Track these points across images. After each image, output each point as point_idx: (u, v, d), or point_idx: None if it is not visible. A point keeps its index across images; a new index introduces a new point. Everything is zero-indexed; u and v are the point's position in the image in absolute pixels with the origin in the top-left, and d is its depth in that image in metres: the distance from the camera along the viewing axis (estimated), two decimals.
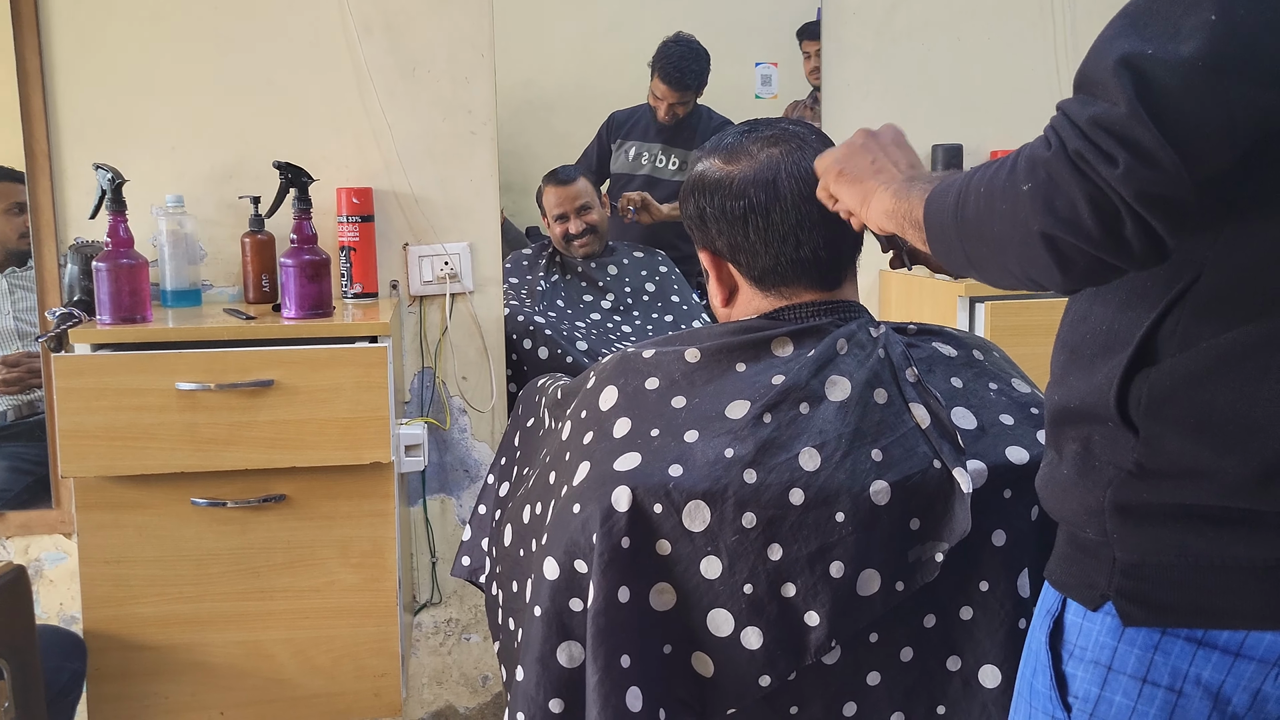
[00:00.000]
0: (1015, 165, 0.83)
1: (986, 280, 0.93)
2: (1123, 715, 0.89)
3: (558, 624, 1.19)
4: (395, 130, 2.19)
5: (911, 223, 0.99)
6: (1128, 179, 0.75)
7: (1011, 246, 0.84)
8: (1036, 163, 0.81)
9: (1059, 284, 0.84)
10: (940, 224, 0.94)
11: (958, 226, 0.90)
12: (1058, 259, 0.80)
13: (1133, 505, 0.87)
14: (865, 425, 1.20)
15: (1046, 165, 0.80)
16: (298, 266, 1.89)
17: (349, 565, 1.87)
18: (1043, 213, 0.79)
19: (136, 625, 1.82)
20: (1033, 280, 0.86)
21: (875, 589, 1.17)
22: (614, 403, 1.26)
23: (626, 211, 2.82)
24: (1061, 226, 0.79)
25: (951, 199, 0.91)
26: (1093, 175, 0.76)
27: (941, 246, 0.94)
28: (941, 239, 0.94)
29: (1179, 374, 0.85)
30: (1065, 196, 0.78)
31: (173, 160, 2.14)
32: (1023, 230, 0.81)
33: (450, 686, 2.37)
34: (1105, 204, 0.76)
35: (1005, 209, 0.83)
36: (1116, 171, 0.75)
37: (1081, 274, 0.81)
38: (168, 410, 1.75)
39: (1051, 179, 0.79)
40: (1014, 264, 0.85)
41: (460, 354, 2.28)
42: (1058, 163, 0.79)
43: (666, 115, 2.89)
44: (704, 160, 1.30)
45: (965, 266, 0.93)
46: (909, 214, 1.00)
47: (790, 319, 1.28)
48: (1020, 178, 0.82)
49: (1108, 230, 0.77)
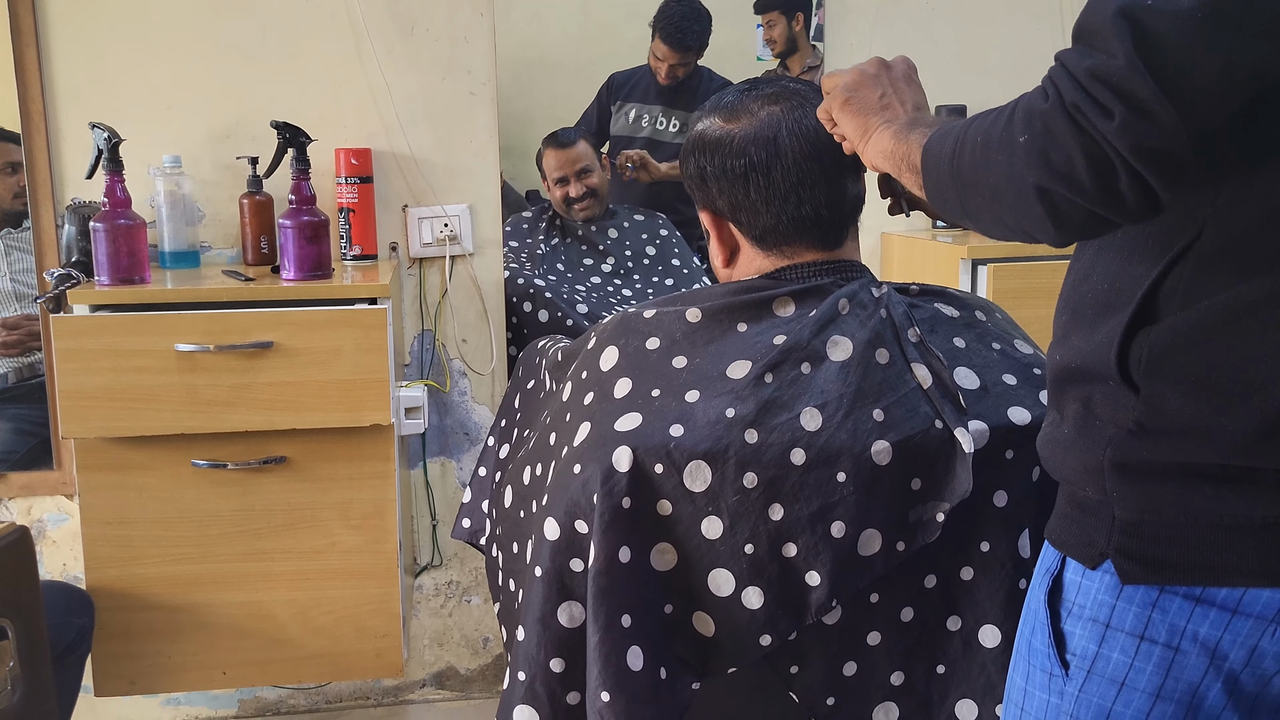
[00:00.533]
0: (1012, 116, 0.82)
1: (980, 229, 0.93)
2: (1120, 672, 0.89)
3: (558, 584, 1.20)
4: (394, 90, 2.17)
5: (909, 166, 0.99)
6: (1123, 132, 0.74)
7: (1006, 198, 0.83)
8: (1033, 114, 0.80)
9: (1052, 237, 0.83)
10: (937, 170, 0.93)
11: (954, 174, 0.90)
12: (1051, 212, 0.80)
13: (1132, 464, 0.87)
14: (867, 385, 1.19)
15: (1043, 117, 0.79)
16: (296, 228, 1.88)
17: (349, 527, 1.87)
18: (1038, 165, 0.79)
19: (139, 586, 1.83)
20: (1026, 232, 0.85)
21: (876, 549, 1.17)
22: (614, 363, 1.26)
23: (625, 169, 2.80)
24: (1056, 180, 0.78)
25: (949, 146, 0.91)
26: (1089, 128, 0.76)
27: (937, 193, 0.94)
28: (937, 186, 0.94)
29: (1180, 332, 0.85)
30: (1061, 150, 0.77)
31: (169, 120, 2.12)
32: (1018, 182, 0.81)
33: (451, 648, 2.39)
34: (1100, 158, 0.76)
35: (1001, 160, 0.82)
36: (1112, 124, 0.74)
37: (1075, 227, 0.81)
38: (167, 371, 1.75)
39: (1048, 131, 0.78)
40: (1008, 215, 0.85)
41: (460, 316, 2.27)
42: (1054, 115, 0.78)
43: (667, 77, 2.86)
44: (704, 119, 1.29)
45: (960, 215, 0.93)
46: (907, 157, 0.99)
47: (792, 279, 1.27)
48: (1017, 129, 0.81)
49: (1102, 184, 0.76)
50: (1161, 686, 0.88)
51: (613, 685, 1.14)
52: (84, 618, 1.74)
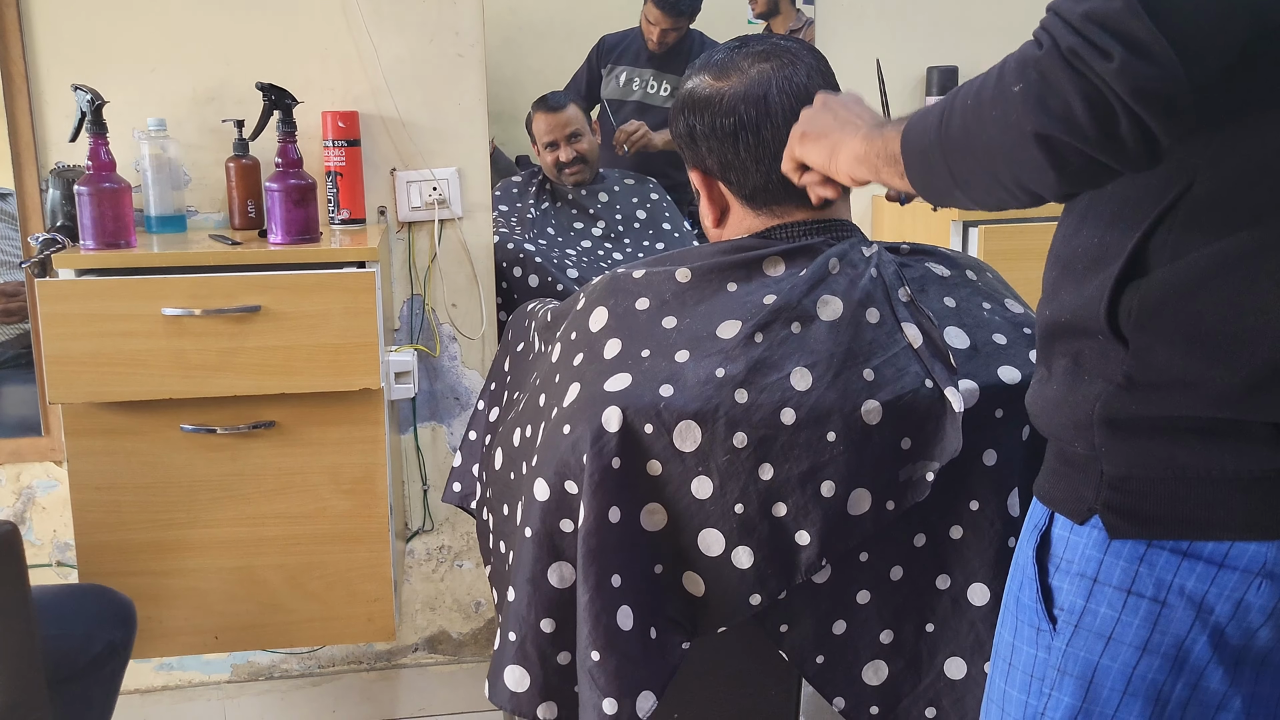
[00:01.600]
0: (1003, 70, 0.81)
1: (972, 198, 0.90)
2: (1107, 626, 0.90)
3: (549, 545, 1.20)
4: (381, 52, 2.14)
5: (886, 159, 0.97)
6: (1123, 74, 0.73)
7: (1002, 152, 0.82)
8: (1027, 63, 0.79)
9: (1053, 186, 0.81)
10: (921, 149, 0.91)
11: (942, 145, 0.88)
12: (1052, 159, 0.79)
13: (1121, 418, 0.87)
14: (857, 345, 1.19)
15: (1038, 64, 0.78)
16: (283, 191, 1.86)
17: (340, 491, 1.87)
18: (1036, 112, 0.78)
19: (129, 551, 1.82)
20: (1024, 188, 0.83)
21: (866, 508, 1.17)
22: (604, 323, 1.25)
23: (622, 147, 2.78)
24: (1056, 125, 0.77)
25: (933, 121, 0.89)
26: (1087, 71, 0.75)
27: (922, 172, 0.92)
28: (922, 164, 0.92)
29: (1169, 285, 0.84)
30: (1059, 94, 0.76)
31: (153, 82, 2.10)
32: (1015, 133, 0.80)
33: (443, 613, 2.39)
34: (1100, 100, 0.75)
35: (996, 115, 0.81)
36: (1111, 66, 0.73)
37: (1075, 174, 0.80)
38: (154, 336, 1.73)
39: (1044, 78, 0.77)
40: (1005, 171, 0.83)
41: (449, 281, 2.26)
42: (1050, 60, 0.77)
43: (658, 41, 2.83)
44: (694, 77, 1.28)
45: (950, 187, 0.90)
46: (883, 151, 0.98)
47: (782, 238, 1.27)
48: (1010, 80, 0.80)
49: (1102, 127, 0.75)
50: (1148, 640, 0.88)
51: (603, 645, 1.14)
52: (117, 631, 1.61)
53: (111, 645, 1.56)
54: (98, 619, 1.59)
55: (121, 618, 1.62)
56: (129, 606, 1.65)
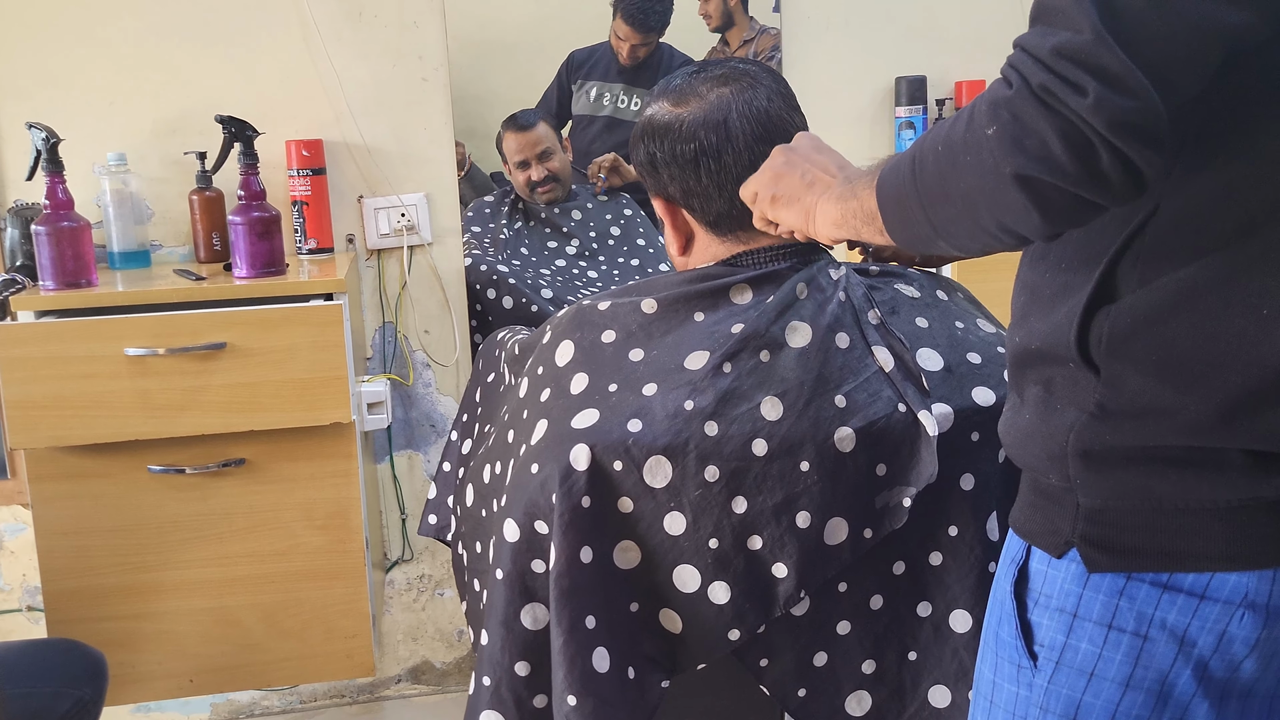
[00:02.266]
0: (974, 114, 0.79)
1: (956, 246, 0.87)
2: (1089, 662, 0.88)
3: (520, 586, 1.17)
4: (344, 79, 2.12)
5: (864, 218, 0.94)
6: (1099, 108, 0.71)
7: (982, 198, 0.79)
8: (999, 104, 0.76)
9: (1038, 228, 0.78)
10: (898, 200, 0.88)
11: (918, 194, 0.85)
12: (1035, 200, 0.76)
13: (1095, 449, 0.85)
14: (828, 371, 1.17)
15: (1009, 105, 0.75)
16: (246, 224, 1.83)
17: (314, 527, 1.84)
18: (1012, 153, 0.75)
19: (99, 596, 1.79)
20: (1008, 231, 0.80)
21: (843, 537, 1.15)
22: (570, 358, 1.23)
23: (598, 179, 2.76)
24: (1034, 165, 0.74)
25: (906, 171, 0.86)
26: (1061, 109, 0.73)
27: (902, 226, 0.89)
28: (901, 217, 0.89)
29: (1139, 311, 0.82)
30: (1034, 134, 0.74)
31: (113, 116, 2.06)
32: (993, 177, 0.77)
33: (425, 642, 2.36)
34: (1078, 137, 0.72)
35: (970, 160, 0.78)
36: (1086, 102, 0.71)
37: (1060, 214, 0.77)
38: (118, 377, 1.70)
39: (1017, 118, 0.75)
40: (987, 217, 0.80)
41: (421, 307, 2.23)
42: (1022, 100, 0.75)
43: (628, 56, 2.81)
44: (653, 104, 1.25)
45: (931, 237, 0.87)
46: (859, 211, 0.95)
47: (748, 264, 1.25)
48: (982, 123, 0.77)
49: (1083, 164, 0.73)
50: (1131, 675, 0.86)
51: (579, 689, 1.12)
52: (87, 687, 1.55)
53: (80, 702, 1.51)
54: (66, 675, 1.54)
55: (91, 673, 1.56)
56: (99, 661, 1.60)
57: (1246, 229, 0.79)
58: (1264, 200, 0.79)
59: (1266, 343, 0.79)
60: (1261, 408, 0.80)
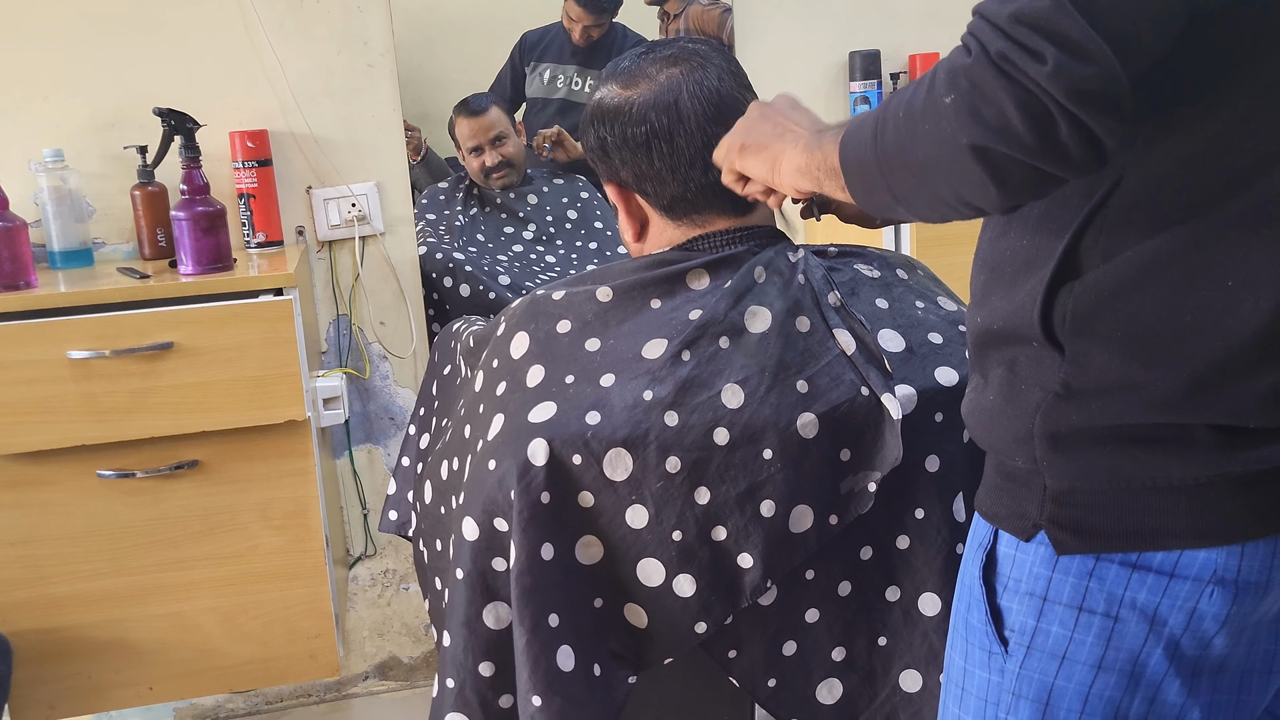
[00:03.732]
0: (934, 81, 0.76)
1: (915, 215, 0.86)
2: (1060, 645, 0.86)
3: (481, 585, 1.15)
4: (287, 67, 2.06)
5: (827, 172, 0.92)
6: (1057, 76, 0.69)
7: (940, 168, 0.77)
8: (957, 72, 0.74)
9: (995, 201, 0.76)
10: (859, 163, 0.86)
11: (878, 160, 0.83)
12: (992, 172, 0.74)
13: (1062, 431, 0.83)
14: (788, 356, 1.15)
15: (968, 73, 0.73)
16: (190, 219, 1.78)
17: (272, 527, 1.80)
18: (970, 124, 0.73)
19: (51, 606, 1.74)
20: (966, 203, 0.79)
21: (809, 525, 1.13)
22: (526, 350, 1.20)
23: (542, 149, 2.72)
24: (992, 136, 0.72)
25: (868, 134, 0.84)
26: (1019, 77, 0.70)
27: (863, 188, 0.87)
28: (862, 179, 0.87)
29: (1103, 286, 0.80)
30: (992, 103, 0.71)
31: (47, 111, 2.00)
32: (950, 147, 0.74)
33: (392, 638, 2.33)
34: (1036, 106, 0.70)
35: (929, 129, 0.76)
36: (1045, 69, 0.69)
37: (1018, 186, 0.75)
38: (61, 381, 1.65)
39: (975, 87, 0.72)
40: (944, 188, 0.78)
41: (375, 299, 2.19)
42: (980, 68, 0.72)
43: (581, 37, 2.77)
44: (602, 87, 1.22)
45: (891, 204, 0.85)
46: (824, 163, 0.93)
47: (705, 249, 1.22)
48: (940, 92, 0.75)
49: (1041, 135, 0.70)
50: (1103, 657, 0.85)
51: (544, 689, 1.09)
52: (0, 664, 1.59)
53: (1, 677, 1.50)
54: None
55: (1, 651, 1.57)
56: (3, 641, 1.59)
57: (1209, 199, 0.78)
58: (1226, 170, 0.77)
59: (1231, 315, 0.78)
60: (1227, 381, 0.79)
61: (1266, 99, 0.76)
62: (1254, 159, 0.76)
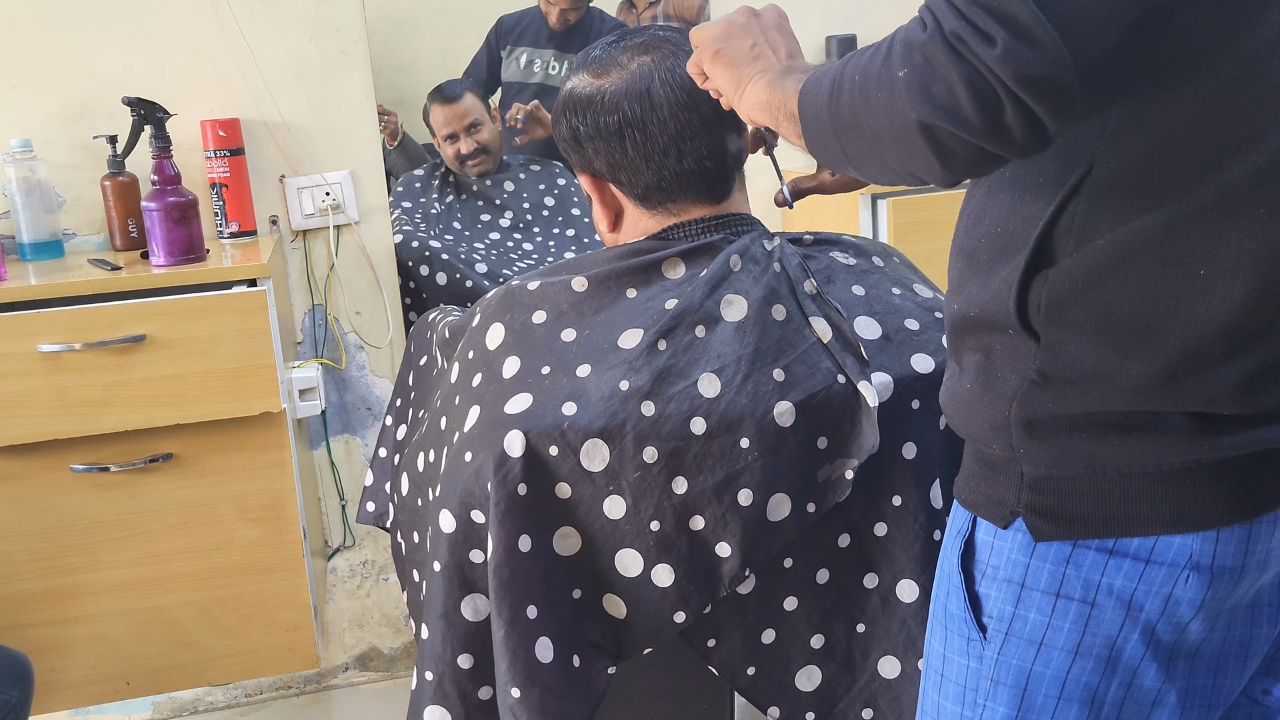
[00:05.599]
0: (890, 50, 0.76)
1: (865, 175, 0.87)
2: (1038, 631, 0.87)
3: (459, 578, 1.14)
4: (258, 54, 2.04)
5: (786, 115, 0.92)
6: (1006, 59, 0.69)
7: (888, 138, 0.77)
8: (912, 46, 0.74)
9: (939, 176, 0.77)
10: (815, 116, 0.87)
11: (832, 118, 0.83)
12: (936, 149, 0.74)
13: (1038, 418, 0.83)
14: (765, 344, 1.14)
15: (923, 48, 0.73)
16: (161, 210, 1.76)
17: (248, 520, 1.79)
18: (919, 100, 0.73)
19: (25, 602, 1.72)
20: (911, 174, 0.80)
21: (786, 513, 1.13)
22: (501, 340, 1.19)
23: (515, 121, 2.70)
24: (939, 114, 0.72)
25: (825, 90, 0.84)
26: (970, 57, 0.70)
27: (817, 140, 0.88)
28: (816, 132, 0.87)
29: (1077, 274, 0.80)
30: (943, 81, 0.72)
31: (14, 101, 1.97)
32: (899, 120, 0.75)
33: (372, 629, 2.32)
34: (984, 87, 0.70)
35: (881, 98, 0.76)
36: (994, 52, 0.69)
37: (962, 164, 0.76)
38: (32, 375, 1.63)
39: (928, 63, 0.73)
40: (891, 157, 0.79)
41: (351, 288, 2.17)
42: (934, 45, 0.72)
43: (558, 20, 2.75)
44: (573, 76, 1.21)
45: (842, 161, 0.86)
46: (783, 106, 0.92)
47: (680, 237, 1.21)
48: (895, 63, 0.75)
49: (987, 116, 0.71)
50: (1080, 643, 0.86)
51: (523, 680, 1.09)
52: (13, 690, 1.50)
53: (8, 705, 1.46)
54: None
55: (16, 675, 1.51)
56: (24, 663, 1.54)
57: (1181, 187, 0.78)
58: (1197, 158, 0.77)
59: (1204, 303, 0.78)
60: (1201, 369, 0.79)
61: (1233, 86, 0.76)
62: (1222, 146, 0.76)
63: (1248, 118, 0.76)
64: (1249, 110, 0.76)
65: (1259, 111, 0.76)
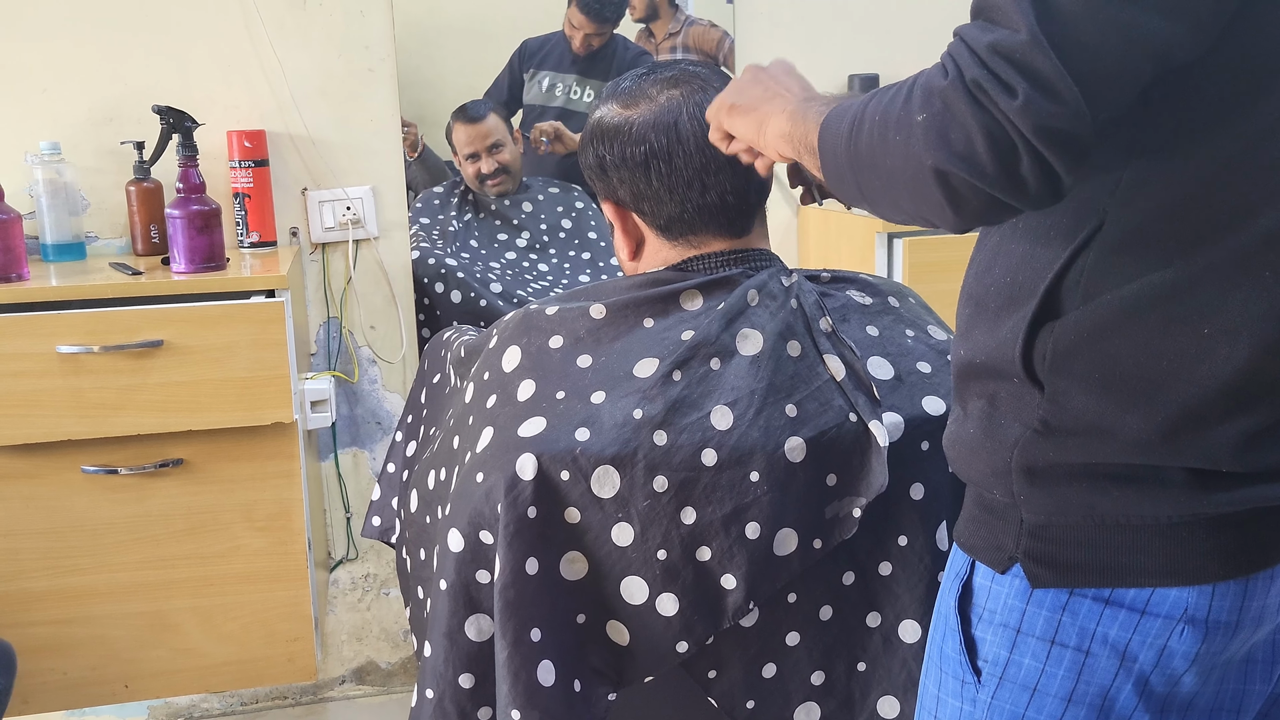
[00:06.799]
0: (910, 94, 0.78)
1: (879, 214, 0.88)
2: (1032, 677, 0.87)
3: (465, 597, 1.15)
4: (287, 68, 2.06)
5: (807, 148, 0.94)
6: (1026, 111, 0.70)
7: (903, 181, 0.79)
8: (932, 92, 0.75)
9: (951, 222, 0.79)
10: (833, 151, 0.88)
11: (850, 156, 0.85)
12: (950, 196, 0.75)
13: (1039, 466, 0.84)
14: (778, 380, 1.16)
15: (943, 95, 0.74)
16: (185, 218, 1.78)
17: (254, 529, 1.80)
18: (937, 146, 0.74)
19: (29, 600, 1.73)
20: (924, 218, 0.81)
21: (793, 548, 1.14)
22: (517, 364, 1.20)
23: (539, 143, 2.72)
24: (955, 161, 0.74)
25: (846, 126, 0.85)
26: (990, 107, 0.72)
27: (834, 175, 0.89)
28: (834, 167, 0.89)
29: (1083, 327, 0.82)
30: (961, 128, 0.73)
31: (45, 103, 2.00)
32: (915, 164, 0.76)
33: (370, 643, 2.32)
34: (1002, 137, 0.72)
35: (899, 140, 0.78)
36: (1015, 103, 0.70)
37: (974, 212, 0.77)
38: (49, 375, 1.65)
39: (947, 109, 0.74)
40: (906, 200, 0.80)
41: (367, 302, 2.19)
42: (954, 93, 0.74)
43: (582, 46, 2.78)
44: (602, 106, 1.23)
45: (858, 198, 0.88)
46: (804, 138, 0.94)
47: (699, 269, 1.23)
48: (915, 107, 0.76)
49: (1003, 166, 0.72)
50: (1073, 691, 0.86)
51: (524, 702, 1.10)
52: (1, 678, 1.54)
53: None
54: None
55: (3, 664, 1.53)
56: (8, 651, 1.56)
57: (1190, 247, 0.79)
58: (1207, 219, 0.78)
59: (1207, 361, 0.79)
60: (1201, 426, 0.80)
61: (1246, 152, 0.77)
62: (1232, 210, 0.77)
63: (1259, 183, 0.77)
64: (1260, 176, 0.77)
65: (1270, 177, 0.77)
